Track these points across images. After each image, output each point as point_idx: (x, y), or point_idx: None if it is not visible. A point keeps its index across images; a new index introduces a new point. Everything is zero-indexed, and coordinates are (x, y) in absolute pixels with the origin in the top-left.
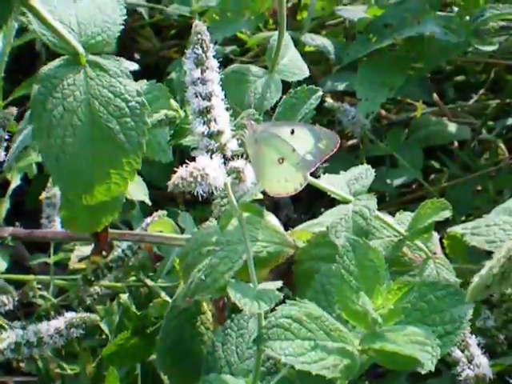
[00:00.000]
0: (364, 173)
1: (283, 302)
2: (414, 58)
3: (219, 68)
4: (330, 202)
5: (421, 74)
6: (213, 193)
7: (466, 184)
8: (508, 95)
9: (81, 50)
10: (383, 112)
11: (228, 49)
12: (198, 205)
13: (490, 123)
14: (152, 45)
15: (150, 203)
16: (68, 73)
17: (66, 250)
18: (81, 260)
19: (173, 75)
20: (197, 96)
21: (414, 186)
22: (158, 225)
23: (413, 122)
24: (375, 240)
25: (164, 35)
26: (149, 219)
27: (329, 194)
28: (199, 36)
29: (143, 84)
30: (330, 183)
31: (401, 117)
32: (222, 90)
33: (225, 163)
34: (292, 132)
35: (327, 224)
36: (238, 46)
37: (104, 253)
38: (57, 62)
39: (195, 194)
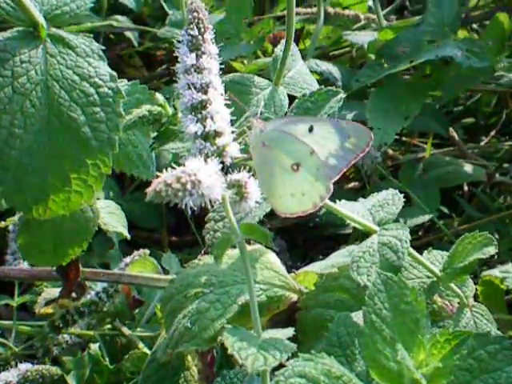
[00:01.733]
0: (390, 198)
1: (293, 356)
2: (430, 86)
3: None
4: (330, 248)
5: (438, 104)
6: (206, 211)
7: (485, 227)
8: None
9: (41, 20)
10: (389, 151)
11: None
12: (186, 247)
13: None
14: (141, 75)
15: (128, 236)
16: (22, 47)
17: (33, 292)
18: (48, 303)
19: None
20: (190, 87)
21: (420, 233)
22: (139, 265)
23: (425, 161)
24: None
25: (153, 65)
26: (128, 259)
27: (347, 222)
28: (195, 14)
29: (123, 84)
30: (349, 210)
31: (408, 157)
32: None
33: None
34: (310, 129)
35: (339, 265)
36: None
37: (74, 295)
38: (8, 32)
39: (183, 206)
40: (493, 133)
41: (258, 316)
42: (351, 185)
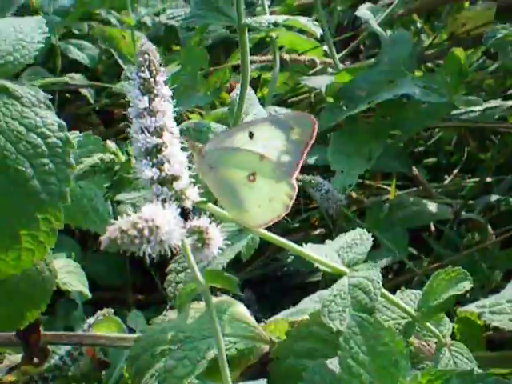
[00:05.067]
0: (358, 238)
1: None
2: (390, 125)
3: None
4: (299, 297)
5: (399, 142)
6: (166, 258)
7: (455, 265)
8: (484, 174)
9: None
10: (353, 195)
11: None
12: (152, 306)
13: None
14: (98, 132)
15: (89, 295)
16: None
17: None
18: (10, 371)
19: None
20: (143, 131)
21: (389, 275)
22: (103, 325)
23: (391, 202)
24: None
25: (111, 122)
26: (92, 319)
27: (316, 268)
28: (146, 56)
29: (75, 136)
30: (316, 253)
31: (373, 200)
32: None
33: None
34: (250, 135)
35: (309, 310)
36: None
37: (36, 360)
38: None
39: (141, 254)
40: (456, 171)
41: (226, 368)
42: (317, 231)
